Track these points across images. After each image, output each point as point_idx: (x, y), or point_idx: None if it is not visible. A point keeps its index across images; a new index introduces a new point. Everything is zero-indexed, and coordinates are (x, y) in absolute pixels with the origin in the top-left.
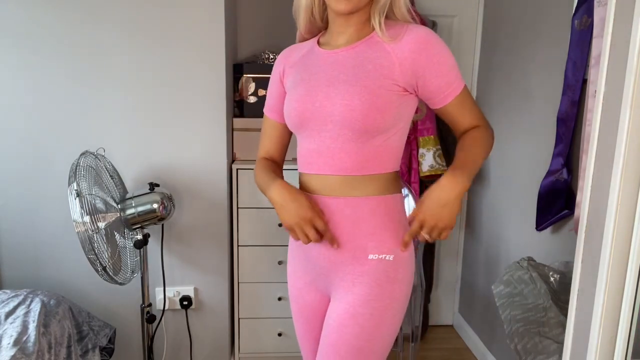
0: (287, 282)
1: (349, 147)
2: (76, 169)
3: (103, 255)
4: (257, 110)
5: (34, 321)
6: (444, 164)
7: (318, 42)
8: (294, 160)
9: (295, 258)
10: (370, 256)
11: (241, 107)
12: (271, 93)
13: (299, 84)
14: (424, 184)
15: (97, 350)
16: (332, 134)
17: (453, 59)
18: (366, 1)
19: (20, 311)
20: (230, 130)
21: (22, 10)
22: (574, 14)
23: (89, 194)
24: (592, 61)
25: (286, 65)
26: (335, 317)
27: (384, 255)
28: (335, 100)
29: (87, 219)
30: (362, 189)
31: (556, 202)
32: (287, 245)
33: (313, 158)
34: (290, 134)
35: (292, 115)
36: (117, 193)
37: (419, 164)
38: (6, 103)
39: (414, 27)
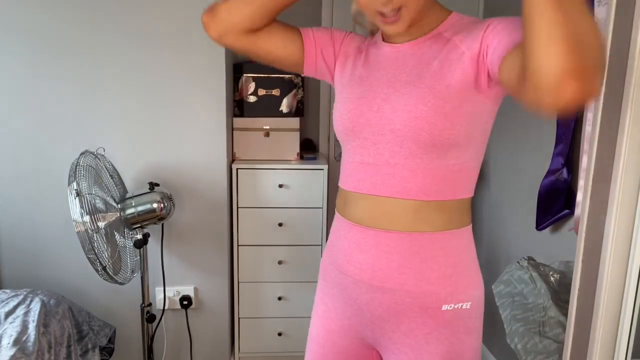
0: (309, 309)
1: (413, 163)
2: (76, 168)
3: (103, 255)
4: (257, 110)
5: (33, 321)
6: None
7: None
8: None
9: (333, 297)
10: (445, 307)
11: (241, 107)
12: (322, 32)
13: (354, 80)
14: None
15: (97, 350)
16: (393, 146)
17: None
18: (418, 10)
19: (20, 311)
20: (230, 130)
21: (23, 11)
22: None
23: (88, 194)
24: None
25: (347, 50)
26: None
27: (460, 305)
28: (396, 105)
29: (87, 218)
30: (431, 221)
31: (556, 202)
32: (286, 245)
33: (367, 174)
34: (292, 53)
35: (344, 119)
36: (117, 193)
37: None
38: (6, 103)
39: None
